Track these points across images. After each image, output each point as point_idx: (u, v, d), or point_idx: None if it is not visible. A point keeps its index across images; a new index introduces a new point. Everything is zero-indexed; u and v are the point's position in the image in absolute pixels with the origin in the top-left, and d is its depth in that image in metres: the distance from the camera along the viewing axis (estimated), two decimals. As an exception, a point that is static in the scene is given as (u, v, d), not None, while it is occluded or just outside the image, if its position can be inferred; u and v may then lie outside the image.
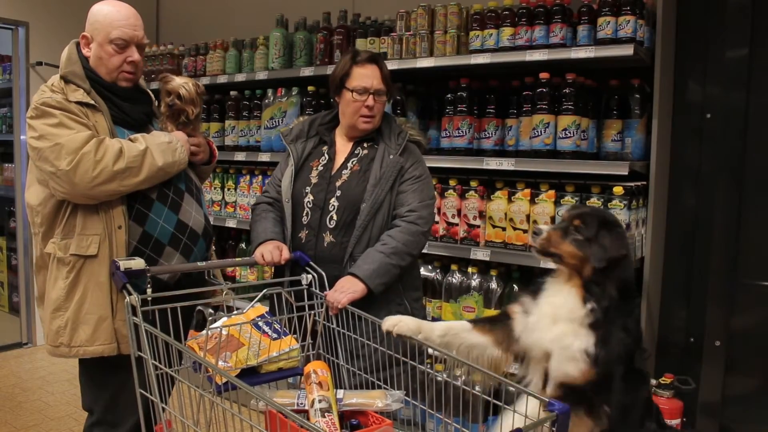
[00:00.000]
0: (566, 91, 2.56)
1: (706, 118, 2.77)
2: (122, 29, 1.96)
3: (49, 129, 1.87)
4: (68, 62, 2.00)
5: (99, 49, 1.98)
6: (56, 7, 4.56)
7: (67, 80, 1.97)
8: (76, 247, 1.91)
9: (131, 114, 2.04)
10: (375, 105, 2.11)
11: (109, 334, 1.92)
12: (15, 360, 4.40)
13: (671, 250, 2.86)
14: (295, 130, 2.28)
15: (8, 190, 5.01)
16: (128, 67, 2.00)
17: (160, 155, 1.94)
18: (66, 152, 1.83)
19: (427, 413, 1.70)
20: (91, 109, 1.94)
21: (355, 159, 2.17)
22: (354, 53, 2.16)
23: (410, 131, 2.23)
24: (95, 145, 1.86)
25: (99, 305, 1.92)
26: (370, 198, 2.06)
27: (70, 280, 1.92)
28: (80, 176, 1.83)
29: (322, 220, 2.10)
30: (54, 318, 1.94)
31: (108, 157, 1.85)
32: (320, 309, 1.94)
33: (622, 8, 2.45)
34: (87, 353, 1.93)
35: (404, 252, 2.04)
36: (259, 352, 1.70)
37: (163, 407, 1.54)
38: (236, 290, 3.29)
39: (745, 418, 2.66)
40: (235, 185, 3.75)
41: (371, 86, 2.10)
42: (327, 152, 2.21)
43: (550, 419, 1.25)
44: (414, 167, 2.15)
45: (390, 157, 2.12)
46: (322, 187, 2.13)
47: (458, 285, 2.79)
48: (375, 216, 2.07)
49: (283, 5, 3.80)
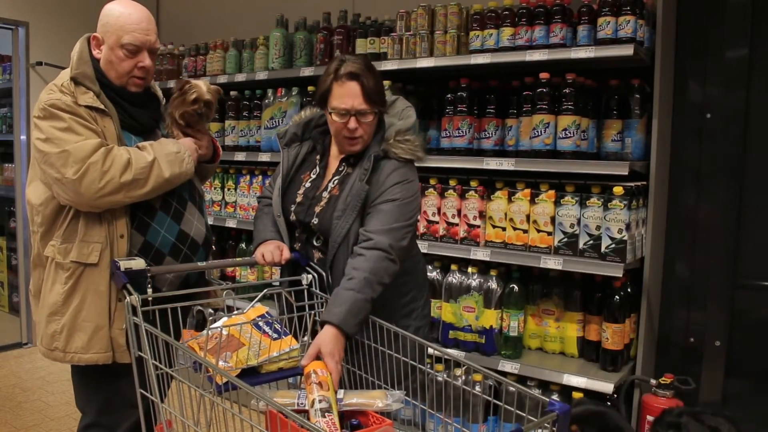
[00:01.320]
0: (566, 91, 2.56)
1: (706, 118, 2.77)
2: (134, 34, 1.90)
3: (57, 133, 1.82)
4: (79, 62, 1.92)
5: (110, 53, 1.92)
6: (56, 7, 4.56)
7: (77, 82, 1.90)
8: (77, 254, 1.87)
9: (140, 119, 1.99)
10: (359, 127, 1.89)
11: (104, 343, 1.89)
12: (15, 360, 4.40)
13: (671, 250, 2.86)
14: (289, 134, 2.12)
15: (8, 190, 5.01)
16: (139, 72, 1.94)
17: (168, 166, 1.90)
18: (73, 160, 1.79)
19: (427, 413, 1.70)
20: (100, 114, 1.89)
21: (337, 178, 1.99)
22: (337, 66, 1.90)
23: (398, 146, 1.94)
24: (103, 155, 1.81)
25: (96, 314, 1.89)
26: (335, 229, 1.90)
27: (69, 286, 1.88)
28: (86, 186, 1.79)
29: (309, 240, 2.02)
30: (50, 322, 1.92)
31: (115, 168, 1.81)
32: (320, 309, 1.93)
33: (622, 8, 2.45)
34: (82, 360, 1.90)
35: (374, 282, 1.79)
36: (260, 352, 1.70)
37: (164, 407, 1.55)
38: (236, 290, 3.29)
39: (745, 418, 2.66)
40: (235, 185, 3.75)
41: (351, 107, 1.87)
42: (319, 164, 2.06)
43: (550, 419, 1.25)
44: (392, 190, 1.89)
45: (357, 183, 1.90)
46: (303, 208, 2.00)
47: (458, 285, 2.79)
48: (342, 245, 1.90)
49: (283, 5, 3.80)
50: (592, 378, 2.48)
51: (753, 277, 2.70)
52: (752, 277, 2.70)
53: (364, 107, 1.88)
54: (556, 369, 2.57)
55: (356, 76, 1.87)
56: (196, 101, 2.01)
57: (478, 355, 2.75)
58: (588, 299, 2.69)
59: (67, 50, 2.02)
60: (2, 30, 4.51)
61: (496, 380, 1.46)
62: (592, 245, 2.52)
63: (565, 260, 2.54)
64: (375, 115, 1.92)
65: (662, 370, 2.64)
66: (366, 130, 1.92)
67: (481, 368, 1.53)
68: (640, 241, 2.62)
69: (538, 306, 2.79)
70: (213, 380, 1.54)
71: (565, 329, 2.74)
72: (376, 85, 1.90)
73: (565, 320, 2.73)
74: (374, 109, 1.90)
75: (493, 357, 2.71)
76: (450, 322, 2.82)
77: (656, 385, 2.46)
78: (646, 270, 2.61)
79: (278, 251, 1.99)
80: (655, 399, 2.45)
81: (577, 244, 2.55)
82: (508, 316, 2.72)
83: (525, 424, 1.26)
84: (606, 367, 2.57)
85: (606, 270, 2.45)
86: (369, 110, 1.89)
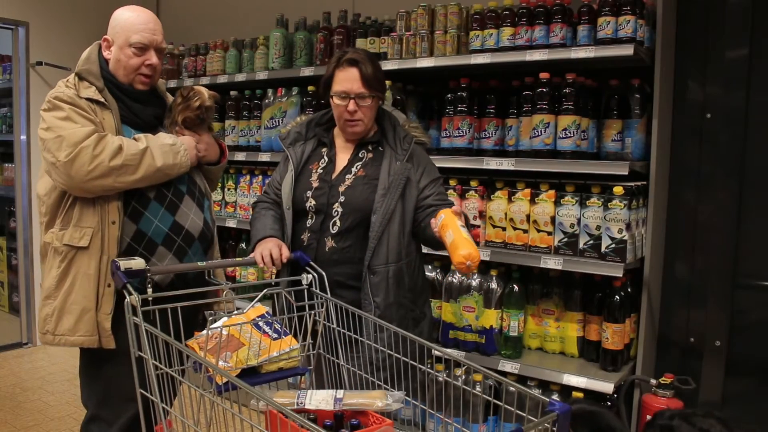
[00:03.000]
0: (566, 91, 2.56)
1: (706, 118, 2.77)
2: (142, 33, 2.04)
3: (56, 121, 1.94)
4: (86, 60, 2.07)
5: (119, 52, 2.05)
6: (56, 7, 4.55)
7: (81, 77, 2.04)
8: (69, 238, 1.98)
9: (141, 115, 2.10)
10: (358, 110, 2.06)
11: (90, 326, 1.98)
12: (15, 360, 4.40)
13: (671, 250, 2.86)
14: (292, 134, 2.24)
15: (8, 190, 5.01)
16: (146, 69, 2.07)
17: (161, 156, 2.00)
18: (66, 144, 1.90)
19: (427, 413, 1.70)
20: (100, 106, 2.01)
21: (359, 163, 2.13)
22: (340, 56, 2.10)
23: (414, 132, 2.18)
24: (95, 141, 1.92)
25: (84, 297, 1.98)
26: (381, 208, 2.03)
27: (62, 269, 1.99)
28: (76, 169, 1.90)
29: (325, 225, 2.08)
30: (44, 306, 2.02)
31: (106, 153, 1.92)
32: (320, 309, 1.93)
33: (622, 8, 2.45)
34: (68, 342, 1.98)
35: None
36: (260, 352, 1.70)
37: (164, 407, 1.55)
38: (236, 290, 3.29)
39: (745, 418, 2.66)
40: (235, 185, 3.75)
41: (351, 90, 2.04)
42: (326, 154, 2.18)
43: (551, 419, 1.25)
44: (426, 174, 2.13)
45: (397, 163, 2.08)
46: (324, 191, 2.10)
47: (458, 285, 2.79)
48: (388, 226, 2.04)
49: (283, 5, 3.80)
50: (592, 378, 2.48)
51: (753, 277, 2.70)
52: (752, 277, 2.70)
53: (363, 91, 2.04)
54: (556, 369, 2.57)
55: (356, 63, 2.05)
56: (199, 107, 2.14)
57: (478, 355, 2.75)
58: (588, 299, 2.69)
59: (67, 50, 2.09)
60: (2, 30, 4.51)
61: (496, 380, 1.46)
62: (592, 245, 2.52)
63: (565, 260, 2.54)
64: (373, 99, 2.07)
65: (662, 370, 2.64)
66: (365, 114, 2.08)
67: (481, 368, 1.53)
68: (640, 241, 2.62)
69: (538, 306, 2.79)
70: (213, 380, 1.54)
71: (565, 329, 2.74)
72: (374, 72, 2.06)
73: (565, 320, 2.73)
74: (372, 93, 2.06)
75: (493, 357, 2.71)
76: (450, 322, 2.82)
77: (656, 385, 2.46)
78: (646, 270, 2.61)
79: (277, 249, 2.03)
80: (655, 399, 2.45)
81: (577, 244, 2.55)
82: (508, 316, 2.72)
83: (525, 424, 1.26)
84: (606, 367, 2.57)
85: (606, 270, 2.45)
86: (367, 94, 2.05)
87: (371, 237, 2.03)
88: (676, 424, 1.69)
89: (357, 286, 2.07)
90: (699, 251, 2.81)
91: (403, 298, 2.09)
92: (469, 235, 1.80)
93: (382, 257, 2.04)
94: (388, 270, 2.04)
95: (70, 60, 2.06)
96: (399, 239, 2.06)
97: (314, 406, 1.53)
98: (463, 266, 1.73)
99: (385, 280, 2.04)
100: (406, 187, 2.07)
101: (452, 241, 1.78)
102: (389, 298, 2.05)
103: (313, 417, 1.47)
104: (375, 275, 2.04)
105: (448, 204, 2.06)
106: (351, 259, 2.07)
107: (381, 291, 2.04)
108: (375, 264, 2.04)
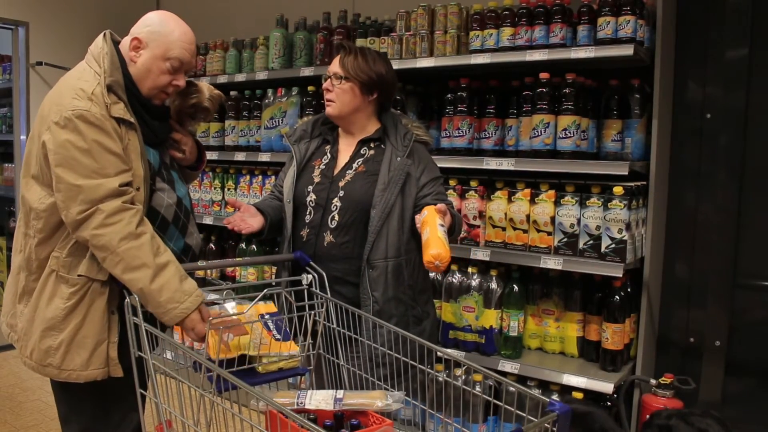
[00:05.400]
0: (566, 91, 2.56)
1: (706, 118, 2.77)
2: (183, 51, 1.83)
3: (73, 152, 1.67)
4: (112, 68, 1.77)
5: (152, 62, 1.81)
6: (56, 7, 4.55)
7: (110, 89, 1.75)
8: (86, 269, 1.75)
9: (158, 133, 1.91)
10: (332, 90, 2.11)
11: (103, 359, 1.79)
12: (15, 360, 4.39)
13: (671, 250, 2.86)
14: (298, 131, 2.27)
15: (8, 190, 5.01)
16: (171, 89, 1.87)
17: (158, 289, 1.68)
18: (83, 200, 1.66)
19: (427, 413, 1.70)
20: (127, 126, 1.76)
21: (360, 160, 2.14)
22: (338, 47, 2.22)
23: (416, 131, 2.19)
24: (115, 209, 1.68)
25: (97, 329, 1.78)
26: (380, 203, 2.04)
27: (73, 302, 1.75)
28: (83, 228, 1.68)
29: (324, 220, 2.10)
30: (45, 337, 1.78)
31: (119, 227, 1.67)
32: (320, 309, 1.93)
33: (622, 8, 2.45)
34: (80, 378, 1.78)
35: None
36: (260, 346, 1.71)
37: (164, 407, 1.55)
38: (236, 290, 3.29)
39: (745, 418, 2.66)
40: (235, 185, 3.75)
41: (329, 70, 2.13)
42: (329, 151, 2.20)
43: (550, 419, 1.25)
44: (426, 172, 2.13)
45: (398, 159, 2.09)
46: (325, 186, 2.12)
47: (458, 285, 2.79)
48: (387, 220, 2.04)
49: (283, 5, 3.80)
50: (592, 378, 2.48)
51: (753, 277, 2.70)
52: (752, 277, 2.70)
53: (337, 71, 2.11)
54: (556, 369, 2.57)
55: (342, 48, 2.16)
56: (193, 106, 2.01)
57: (478, 355, 2.75)
58: (588, 299, 2.69)
59: (67, 50, 2.00)
60: (2, 30, 4.50)
61: (496, 380, 1.46)
62: (592, 245, 2.52)
63: (565, 260, 2.54)
64: (346, 82, 2.10)
65: (662, 370, 2.64)
66: (338, 96, 2.11)
67: (481, 368, 1.53)
68: (640, 241, 2.62)
69: (538, 306, 2.79)
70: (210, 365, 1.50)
71: (565, 329, 2.74)
72: (355, 59, 2.11)
73: (565, 320, 2.73)
74: (345, 75, 2.10)
75: (493, 357, 2.71)
76: (450, 322, 2.82)
77: (656, 385, 2.46)
78: (646, 270, 2.61)
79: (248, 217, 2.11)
80: (655, 399, 2.45)
81: (577, 244, 2.55)
82: (508, 316, 2.72)
83: (525, 424, 1.26)
84: (606, 367, 2.57)
85: (606, 270, 2.45)
86: (341, 74, 2.10)
87: (370, 231, 2.04)
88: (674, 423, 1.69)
89: (355, 282, 2.07)
90: (699, 251, 2.81)
91: (403, 294, 2.09)
92: (445, 235, 1.86)
93: (381, 252, 2.04)
94: (387, 265, 2.05)
95: (70, 60, 1.95)
96: (398, 234, 2.06)
97: (314, 406, 1.54)
98: (431, 265, 1.79)
99: (384, 274, 2.04)
100: (405, 182, 2.08)
101: (426, 239, 1.84)
102: (388, 293, 2.05)
103: (313, 417, 1.47)
104: (374, 270, 2.04)
105: (446, 204, 2.06)
106: (349, 254, 2.07)
107: (380, 286, 2.04)
108: (374, 258, 2.04)
